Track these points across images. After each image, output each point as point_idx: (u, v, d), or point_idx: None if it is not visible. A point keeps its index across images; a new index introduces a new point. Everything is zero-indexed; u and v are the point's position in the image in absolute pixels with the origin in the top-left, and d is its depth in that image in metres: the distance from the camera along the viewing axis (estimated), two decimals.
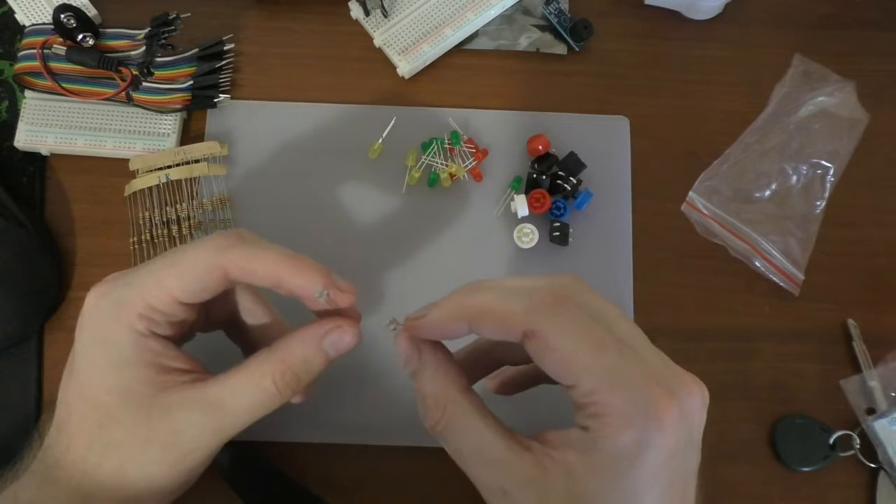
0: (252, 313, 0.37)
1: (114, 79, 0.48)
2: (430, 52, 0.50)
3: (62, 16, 0.45)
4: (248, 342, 0.38)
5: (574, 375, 0.28)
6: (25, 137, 0.47)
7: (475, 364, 0.35)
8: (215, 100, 0.48)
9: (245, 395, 0.32)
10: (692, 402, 0.28)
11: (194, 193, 0.47)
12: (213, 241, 0.32)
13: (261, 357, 0.33)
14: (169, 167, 0.46)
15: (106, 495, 0.32)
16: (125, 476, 0.31)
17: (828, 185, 0.48)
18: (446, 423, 0.30)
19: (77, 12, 0.46)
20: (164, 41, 0.48)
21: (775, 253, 0.46)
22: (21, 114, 0.48)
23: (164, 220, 0.46)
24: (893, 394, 0.44)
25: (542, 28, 0.52)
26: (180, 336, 0.35)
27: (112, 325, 0.32)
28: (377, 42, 0.50)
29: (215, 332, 0.38)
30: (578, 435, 0.28)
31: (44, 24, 0.48)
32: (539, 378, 0.36)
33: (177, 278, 0.31)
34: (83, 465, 0.32)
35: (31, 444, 0.35)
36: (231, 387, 0.32)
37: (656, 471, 0.27)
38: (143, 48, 0.48)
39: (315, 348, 0.32)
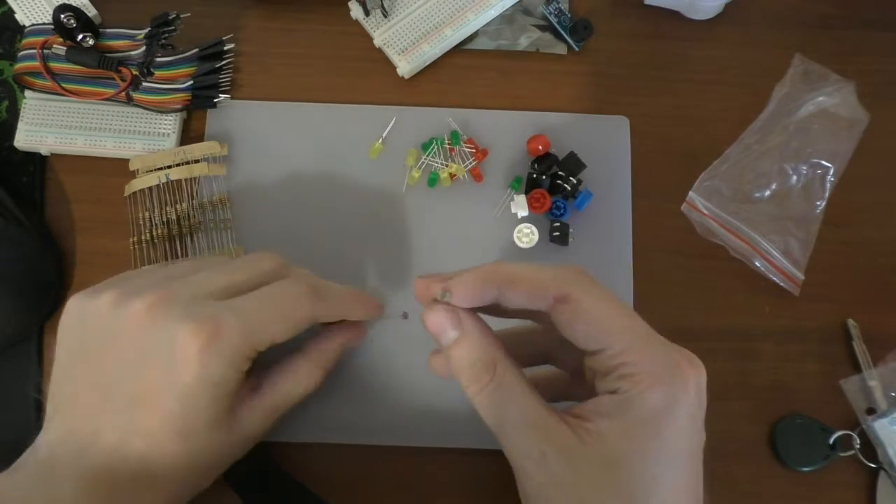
0: None
1: (114, 79, 0.48)
2: (430, 52, 0.50)
3: (62, 16, 0.45)
4: None
5: (606, 337, 0.30)
6: (25, 137, 0.47)
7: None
8: (215, 100, 0.48)
9: (298, 390, 0.38)
10: (703, 377, 0.31)
11: (194, 193, 0.47)
12: (307, 293, 0.36)
13: (308, 355, 0.39)
14: (169, 167, 0.46)
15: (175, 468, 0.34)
16: (196, 458, 0.34)
17: (828, 185, 0.48)
18: (497, 385, 0.31)
19: (77, 12, 0.46)
20: (164, 41, 0.48)
21: (775, 253, 0.46)
22: (21, 114, 0.48)
23: (164, 220, 0.46)
24: (893, 394, 0.44)
25: (542, 28, 0.52)
26: None
27: (225, 370, 0.33)
28: (377, 42, 0.50)
29: None
30: (608, 400, 0.30)
31: (44, 24, 0.48)
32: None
33: (282, 328, 0.35)
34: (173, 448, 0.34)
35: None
36: (288, 387, 0.38)
37: (684, 431, 0.29)
38: (143, 48, 0.48)
39: (341, 348, 0.40)
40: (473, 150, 0.48)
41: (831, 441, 0.44)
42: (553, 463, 0.29)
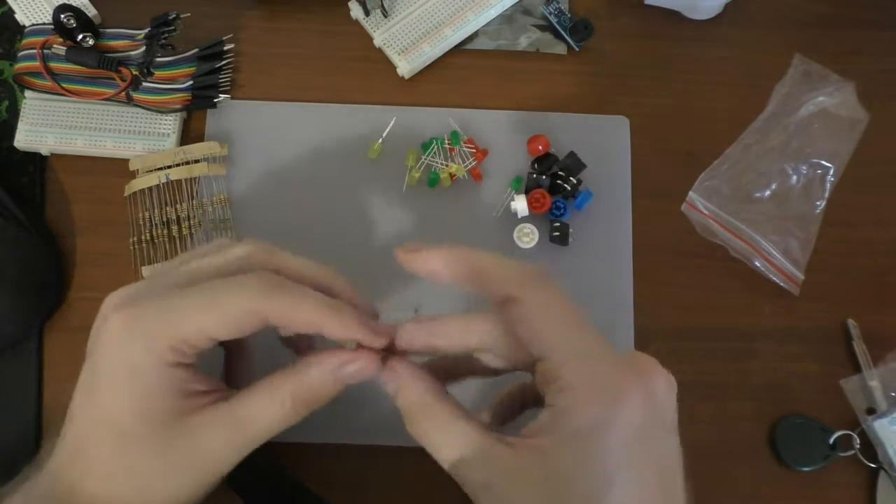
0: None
1: (114, 79, 0.48)
2: (430, 52, 0.50)
3: (62, 16, 0.45)
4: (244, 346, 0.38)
5: (545, 347, 0.30)
6: (25, 137, 0.47)
7: (442, 373, 0.36)
8: (215, 100, 0.48)
9: (266, 414, 0.33)
10: (657, 383, 0.30)
11: (194, 193, 0.47)
12: (256, 285, 0.32)
13: (282, 377, 0.33)
14: (169, 167, 0.46)
15: None
16: (147, 499, 0.32)
17: (828, 185, 0.48)
18: (433, 426, 0.31)
19: (77, 12, 0.46)
20: (164, 41, 0.48)
21: (775, 253, 0.46)
22: (21, 114, 0.48)
23: (164, 220, 0.46)
24: (893, 394, 0.44)
25: (542, 28, 0.52)
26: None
27: (141, 353, 0.32)
28: (377, 42, 0.50)
29: None
30: (547, 416, 0.29)
31: (44, 24, 0.48)
32: (527, 401, 0.36)
33: (215, 318, 0.32)
34: (104, 490, 0.31)
35: (35, 460, 0.34)
36: (253, 406, 0.33)
37: (624, 449, 0.28)
38: (143, 48, 0.48)
39: (332, 375, 0.33)
40: (473, 150, 0.48)
41: (831, 441, 0.44)
42: (499, 488, 0.29)
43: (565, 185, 0.46)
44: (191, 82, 0.48)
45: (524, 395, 0.36)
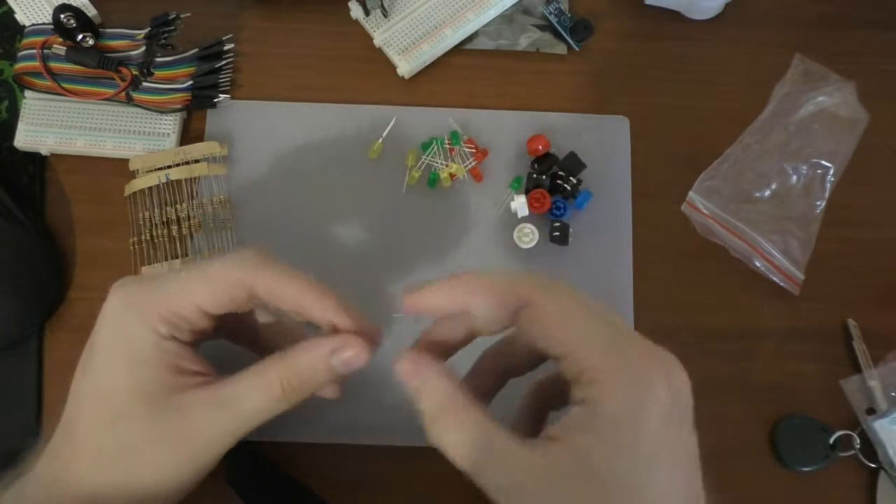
0: (264, 314, 0.37)
1: (114, 79, 0.48)
2: (430, 52, 0.50)
3: (62, 16, 0.45)
4: (258, 344, 0.38)
5: (567, 344, 0.29)
6: (25, 137, 0.47)
7: (479, 383, 0.35)
8: (215, 100, 0.48)
9: (254, 396, 0.33)
10: (678, 376, 0.30)
11: (194, 193, 0.47)
12: (245, 258, 0.33)
13: (272, 361, 0.33)
14: (169, 167, 0.46)
15: (116, 497, 0.32)
16: (136, 477, 0.32)
17: (828, 185, 0.48)
18: (459, 427, 0.30)
19: (77, 12, 0.46)
20: (164, 41, 0.48)
21: (775, 253, 0.46)
22: (21, 114, 0.48)
23: (164, 220, 0.46)
24: (893, 394, 0.44)
25: (542, 28, 0.52)
26: (198, 340, 0.35)
27: (135, 324, 0.32)
28: (377, 42, 0.50)
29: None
30: (578, 412, 0.29)
31: (44, 24, 0.48)
32: (508, 371, 0.36)
33: (206, 289, 0.32)
34: (94, 467, 0.32)
35: (35, 445, 0.34)
36: (242, 388, 0.33)
37: (658, 436, 0.28)
38: (143, 48, 0.48)
39: (323, 361, 0.33)
40: (473, 150, 0.48)
41: (831, 441, 0.44)
42: (530, 492, 0.28)
43: (565, 185, 0.46)
44: (191, 82, 0.48)
45: (544, 399, 0.36)
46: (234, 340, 0.39)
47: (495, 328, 0.32)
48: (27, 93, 0.48)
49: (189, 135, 0.49)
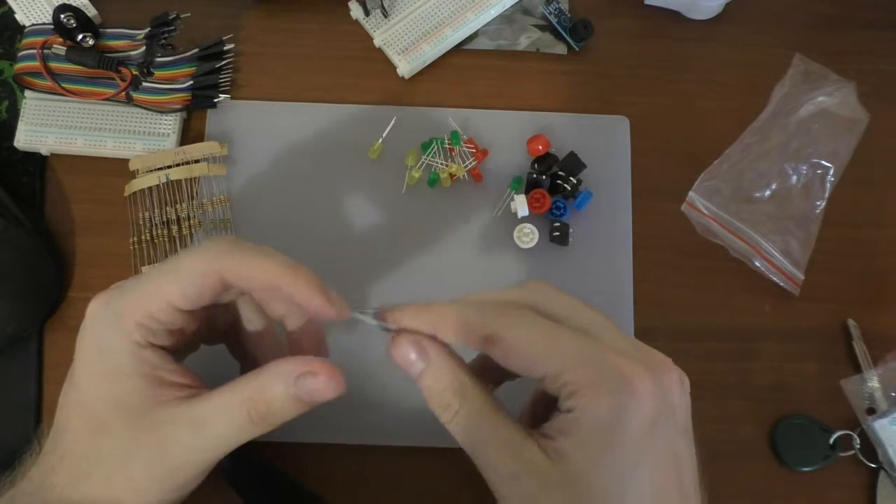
0: (251, 322, 0.36)
1: (114, 79, 0.48)
2: (430, 52, 0.50)
3: (62, 16, 0.45)
4: (246, 357, 0.37)
5: (538, 365, 0.30)
6: (25, 137, 0.47)
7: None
8: (215, 100, 0.48)
9: (224, 420, 0.31)
10: (668, 378, 0.30)
11: (194, 193, 0.47)
12: (210, 246, 0.32)
13: (242, 382, 0.32)
14: (169, 167, 0.46)
15: None
16: (112, 488, 0.31)
17: (828, 185, 0.48)
18: (467, 410, 0.30)
19: (77, 12, 0.46)
20: (164, 41, 0.48)
21: (775, 253, 0.46)
22: (21, 114, 0.48)
23: (164, 220, 0.46)
24: (893, 394, 0.44)
25: (542, 28, 0.52)
26: (182, 346, 0.34)
27: (110, 334, 0.32)
28: (377, 42, 0.50)
29: (217, 346, 0.38)
30: (563, 419, 0.29)
31: (44, 24, 0.48)
32: (501, 378, 0.36)
33: (174, 284, 0.31)
34: (74, 476, 0.31)
35: (31, 448, 0.35)
36: (214, 408, 0.32)
37: (640, 441, 0.28)
38: (143, 48, 0.48)
39: (289, 393, 0.31)
40: (473, 150, 0.48)
41: (831, 441, 0.44)
42: (525, 482, 0.29)
43: (565, 185, 0.46)
44: (191, 82, 0.48)
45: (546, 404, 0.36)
46: (231, 352, 0.39)
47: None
48: (27, 93, 0.48)
49: (189, 135, 0.49)
